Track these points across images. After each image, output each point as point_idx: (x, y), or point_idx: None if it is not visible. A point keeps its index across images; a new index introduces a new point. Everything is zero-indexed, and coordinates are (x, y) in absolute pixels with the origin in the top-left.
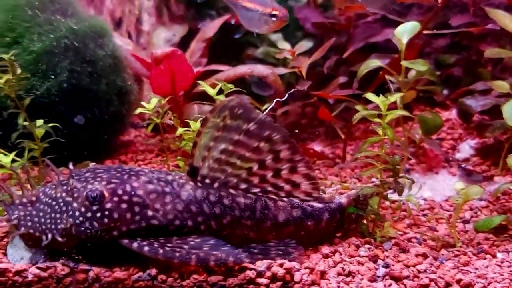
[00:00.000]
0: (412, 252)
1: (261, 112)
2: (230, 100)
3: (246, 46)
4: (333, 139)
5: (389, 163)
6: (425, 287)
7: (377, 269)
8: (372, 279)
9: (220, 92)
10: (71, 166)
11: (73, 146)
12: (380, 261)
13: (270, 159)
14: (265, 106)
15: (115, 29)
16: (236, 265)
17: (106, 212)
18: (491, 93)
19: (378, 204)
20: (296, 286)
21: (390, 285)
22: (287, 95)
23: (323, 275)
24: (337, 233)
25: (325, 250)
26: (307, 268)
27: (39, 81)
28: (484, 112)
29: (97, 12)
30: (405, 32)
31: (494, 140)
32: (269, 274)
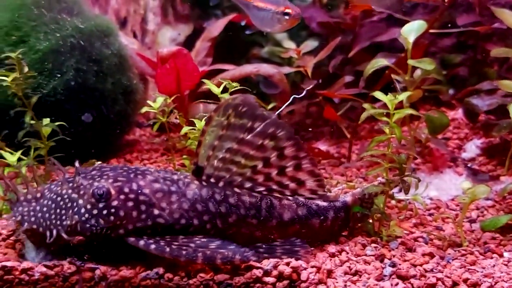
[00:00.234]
0: (419, 252)
1: (265, 109)
2: (235, 98)
3: (251, 46)
4: (338, 139)
5: (395, 162)
6: (432, 286)
7: (384, 268)
8: (379, 278)
9: (225, 91)
10: (77, 164)
11: (79, 145)
12: (387, 260)
13: (275, 157)
14: (271, 105)
15: (120, 29)
16: (243, 263)
17: (112, 210)
18: (497, 93)
19: (384, 203)
20: (303, 285)
21: (397, 284)
22: (298, 96)
23: (330, 274)
24: (343, 232)
25: (332, 249)
26: (314, 267)
27: (45, 80)
28: (490, 112)
29: (102, 12)
30: (412, 31)
31: (500, 140)
32: (276, 273)
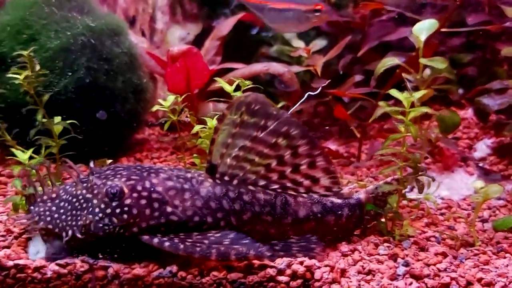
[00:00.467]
0: (432, 251)
1: (278, 108)
2: (247, 96)
3: (260, 44)
4: (347, 138)
5: (409, 161)
6: (446, 286)
7: (397, 268)
8: (393, 278)
9: (237, 89)
10: (92, 164)
11: (89, 144)
12: (400, 260)
13: (289, 155)
14: (280, 104)
15: (129, 28)
16: (257, 259)
17: (126, 208)
18: (508, 92)
19: (397, 203)
20: (317, 284)
21: (411, 284)
22: (313, 93)
23: (344, 273)
24: (356, 231)
25: (344, 249)
26: (327, 266)
27: (56, 78)
28: (501, 111)
29: (111, 11)
30: (423, 30)
31: (511, 139)
32: (290, 272)
